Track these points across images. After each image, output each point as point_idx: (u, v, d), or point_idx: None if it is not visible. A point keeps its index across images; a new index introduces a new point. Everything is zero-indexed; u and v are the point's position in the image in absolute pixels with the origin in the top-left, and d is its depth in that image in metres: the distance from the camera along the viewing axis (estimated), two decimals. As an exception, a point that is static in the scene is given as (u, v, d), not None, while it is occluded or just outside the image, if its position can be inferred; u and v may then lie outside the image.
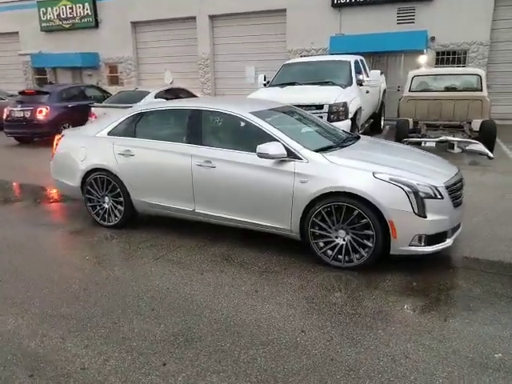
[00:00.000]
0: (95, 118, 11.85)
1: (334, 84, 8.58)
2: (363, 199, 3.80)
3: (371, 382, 2.53)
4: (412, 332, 3.03)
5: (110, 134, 5.25)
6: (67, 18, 21.45)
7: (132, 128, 5.14)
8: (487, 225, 5.11)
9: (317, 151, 4.21)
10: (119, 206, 5.21)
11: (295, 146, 4.18)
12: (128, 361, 2.77)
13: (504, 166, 8.03)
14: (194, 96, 13.40)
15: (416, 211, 3.72)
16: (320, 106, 7.42)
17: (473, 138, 8.96)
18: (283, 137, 4.25)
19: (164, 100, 6.66)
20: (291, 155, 4.13)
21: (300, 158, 4.11)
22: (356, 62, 9.56)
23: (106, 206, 5.31)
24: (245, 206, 4.41)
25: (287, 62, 10.14)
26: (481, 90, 10.21)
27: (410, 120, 10.09)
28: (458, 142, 8.41)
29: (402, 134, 9.46)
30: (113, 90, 21.14)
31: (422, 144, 8.69)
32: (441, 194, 3.81)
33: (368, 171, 3.87)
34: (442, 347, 2.84)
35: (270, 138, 4.26)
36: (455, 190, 4.02)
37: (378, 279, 3.84)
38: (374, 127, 11.98)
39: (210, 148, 4.53)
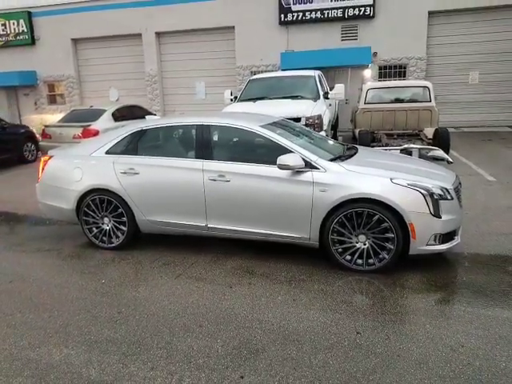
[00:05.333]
0: (49, 138, 11.35)
1: (303, 98, 8.90)
2: (384, 204, 4.02)
3: (444, 371, 2.71)
4: (455, 323, 3.25)
5: (108, 152, 5.11)
6: (0, 35, 20.30)
7: (133, 146, 5.04)
8: (472, 222, 5.55)
9: (330, 161, 4.39)
10: (122, 227, 5.06)
11: (311, 156, 4.34)
12: (203, 378, 2.74)
13: (462, 169, 8.72)
14: (150, 113, 13.23)
15: (432, 212, 4.00)
16: (297, 119, 7.66)
17: (429, 145, 9.66)
18: (298, 148, 4.40)
19: (158, 117, 6.56)
20: (308, 165, 4.28)
21: (317, 168, 4.27)
22: (319, 76, 9.97)
23: (106, 227, 5.13)
24: (262, 217, 4.48)
25: (253, 78, 10.36)
26: (429, 101, 11.06)
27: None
28: (421, 148, 9.00)
29: (364, 144, 9.94)
30: (53, 109, 20.40)
31: (388, 152, 9.19)
32: (451, 195, 4.13)
33: (386, 177, 4.11)
34: (488, 334, 3.09)
35: (285, 150, 4.38)
36: (459, 191, 4.38)
37: (399, 279, 4.07)
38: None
39: (224, 162, 4.57)
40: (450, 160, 8.66)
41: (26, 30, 19.85)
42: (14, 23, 19.96)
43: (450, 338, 3.07)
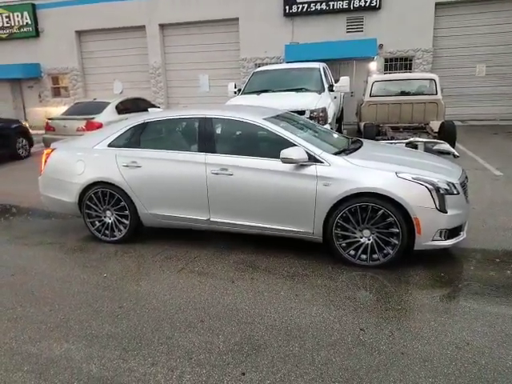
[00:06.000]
0: (53, 130, 11.32)
1: (307, 90, 8.79)
2: (389, 198, 3.95)
3: (449, 369, 2.66)
4: (461, 320, 3.20)
5: (110, 145, 5.06)
6: (4, 28, 20.32)
7: (136, 138, 5.00)
8: (478, 217, 5.47)
9: (335, 154, 4.33)
10: (124, 220, 5.03)
11: (315, 150, 4.27)
12: (204, 374, 2.70)
13: (469, 163, 8.62)
14: (154, 105, 13.17)
15: (438, 207, 3.93)
16: (302, 112, 7.57)
17: (434, 139, 9.55)
18: (301, 142, 4.34)
19: (160, 109, 6.51)
20: (312, 159, 4.21)
21: (321, 162, 4.20)
22: (324, 69, 9.86)
23: (108, 220, 5.11)
24: (264, 211, 4.42)
25: (257, 70, 10.25)
26: (435, 94, 10.93)
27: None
28: (426, 142, 8.90)
29: (369, 137, 9.83)
30: (58, 101, 20.38)
31: (393, 145, 9.09)
32: (457, 190, 4.06)
33: (390, 171, 4.04)
34: (495, 332, 3.03)
35: (288, 144, 4.32)
36: (465, 186, 4.30)
37: (404, 275, 4.01)
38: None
39: (227, 155, 4.51)
40: (457, 154, 8.56)
41: (30, 23, 19.80)
42: (17, 15, 19.90)
43: (456, 335, 3.02)
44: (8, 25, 20.22)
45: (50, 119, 11.63)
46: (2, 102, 21.79)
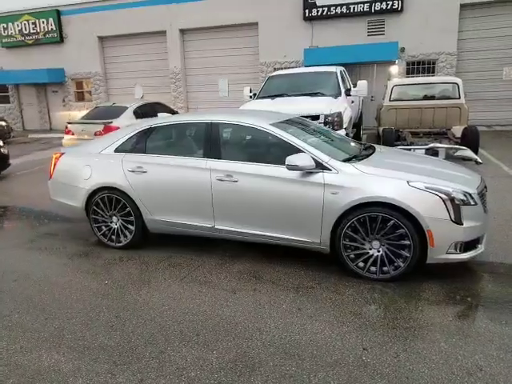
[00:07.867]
0: (72, 134, 11.43)
1: (323, 95, 8.60)
2: (400, 209, 3.74)
3: (457, 398, 2.44)
4: (474, 342, 2.96)
5: (117, 150, 5.00)
6: (30, 34, 20.77)
7: (142, 144, 4.91)
8: (499, 229, 5.17)
9: (344, 161, 4.14)
10: (129, 226, 4.94)
11: (323, 156, 4.10)
12: (193, 394, 2.56)
13: (493, 170, 8.26)
14: (172, 110, 13.17)
15: (453, 218, 3.70)
16: (316, 117, 7.39)
17: (456, 144, 9.22)
18: (309, 148, 4.17)
19: (169, 114, 6.45)
20: (319, 166, 4.04)
21: (329, 169, 4.02)
22: (341, 72, 9.65)
23: (114, 226, 5.03)
24: (270, 220, 4.27)
25: (272, 75, 10.11)
26: (458, 98, 10.57)
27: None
28: (447, 148, 8.59)
29: (388, 142, 9.57)
30: (80, 105, 20.70)
31: (412, 151, 8.80)
32: (474, 200, 3.81)
33: (402, 180, 3.83)
34: (511, 357, 2.79)
35: (295, 150, 4.16)
36: (483, 196, 4.05)
37: (415, 289, 3.78)
38: (354, 137, 12.11)
39: (232, 161, 4.38)
40: (479, 160, 8.22)
41: (54, 29, 20.19)
42: (43, 22, 20.33)
43: (467, 359, 2.79)
44: (34, 31, 20.68)
45: (69, 123, 11.74)
46: (28, 106, 22.30)
